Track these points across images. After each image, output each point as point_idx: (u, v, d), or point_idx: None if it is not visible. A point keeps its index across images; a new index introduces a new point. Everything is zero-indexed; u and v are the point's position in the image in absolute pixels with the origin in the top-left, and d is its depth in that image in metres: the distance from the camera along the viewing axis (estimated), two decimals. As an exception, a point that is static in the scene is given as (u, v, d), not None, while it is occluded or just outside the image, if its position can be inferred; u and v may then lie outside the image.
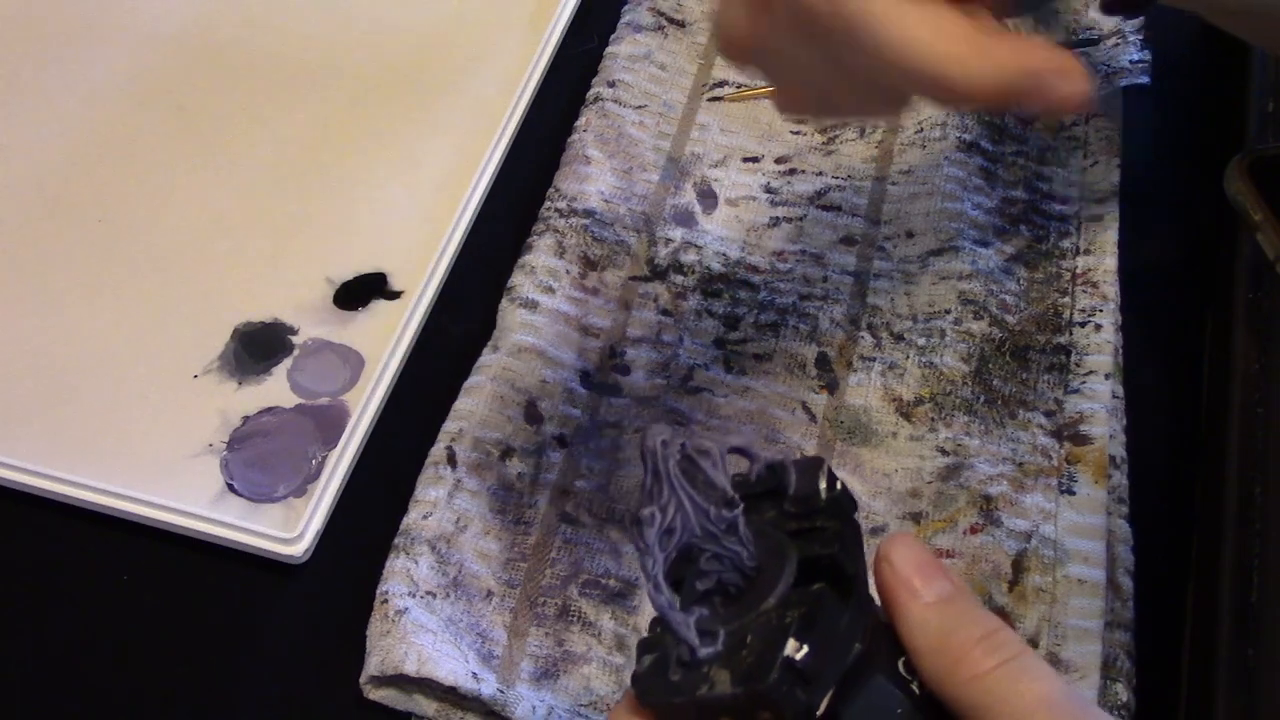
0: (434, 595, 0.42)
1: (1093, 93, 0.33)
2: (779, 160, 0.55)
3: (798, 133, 0.56)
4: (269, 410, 0.48)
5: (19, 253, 0.52)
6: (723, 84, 0.58)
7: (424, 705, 0.41)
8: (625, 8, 0.60)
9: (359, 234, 0.53)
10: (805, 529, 0.28)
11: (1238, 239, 0.50)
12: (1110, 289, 0.49)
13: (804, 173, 0.54)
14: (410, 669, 0.39)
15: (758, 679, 0.25)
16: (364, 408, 0.47)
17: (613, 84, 0.56)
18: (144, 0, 0.62)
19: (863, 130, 0.55)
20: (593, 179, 0.53)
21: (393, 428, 0.48)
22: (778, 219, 0.53)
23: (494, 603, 0.42)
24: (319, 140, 0.56)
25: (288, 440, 0.47)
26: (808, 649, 0.25)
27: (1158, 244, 0.53)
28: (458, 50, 0.60)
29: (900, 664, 0.27)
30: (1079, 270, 0.50)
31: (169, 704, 0.42)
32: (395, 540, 0.43)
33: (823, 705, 0.25)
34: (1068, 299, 0.49)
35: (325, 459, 0.46)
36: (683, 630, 0.26)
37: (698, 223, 0.53)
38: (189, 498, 0.45)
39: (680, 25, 0.60)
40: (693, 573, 0.27)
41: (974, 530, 0.44)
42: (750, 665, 0.25)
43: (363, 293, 0.51)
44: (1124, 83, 0.54)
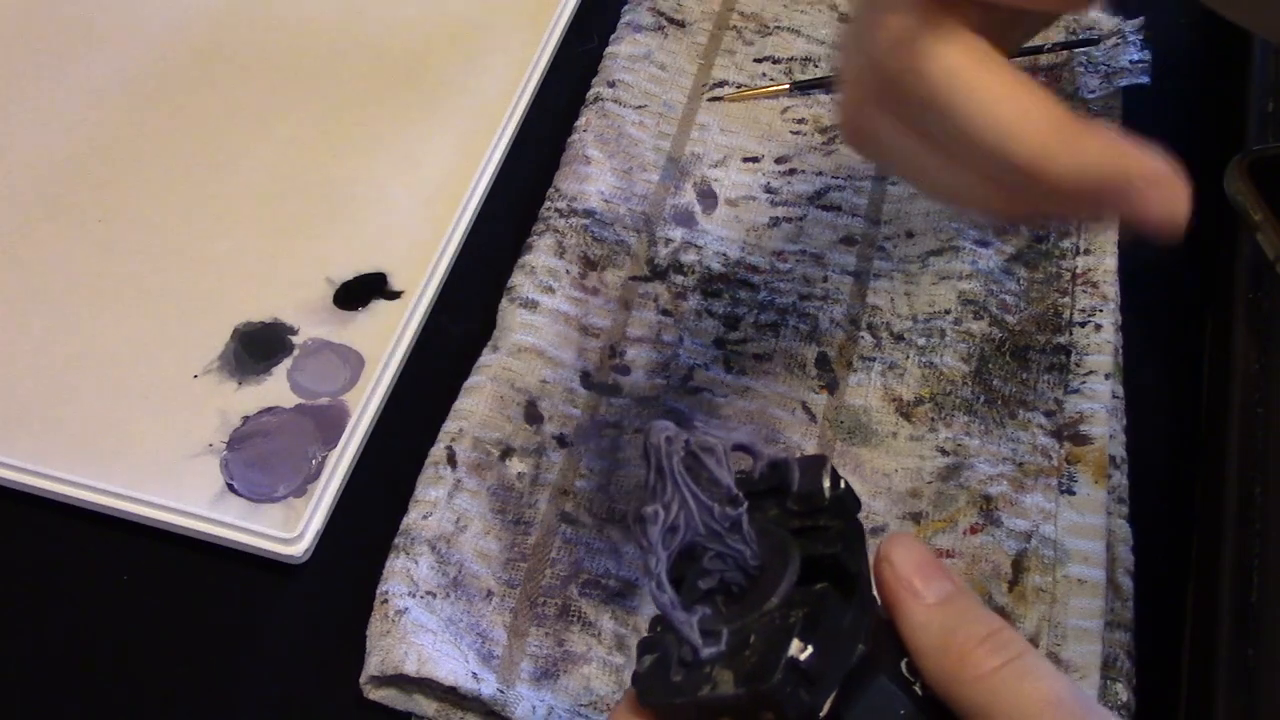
0: (434, 595, 0.41)
1: (1188, 211, 0.29)
2: (779, 160, 0.55)
3: (798, 133, 0.56)
4: (269, 410, 0.47)
5: (19, 253, 0.52)
6: (723, 84, 0.58)
7: (424, 705, 0.41)
8: (625, 8, 0.60)
9: (359, 234, 0.53)
10: (808, 527, 0.27)
11: (1238, 239, 0.50)
12: (1110, 289, 0.49)
13: (804, 173, 0.54)
14: (410, 669, 0.39)
15: (761, 679, 0.25)
16: (364, 408, 0.47)
17: (613, 84, 0.56)
18: (144, 0, 0.62)
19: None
20: (593, 179, 0.52)
21: (393, 428, 0.48)
22: (778, 219, 0.53)
23: (494, 603, 0.42)
24: (319, 140, 0.56)
25: (288, 440, 0.47)
26: (811, 649, 0.25)
27: (1158, 244, 0.53)
28: (458, 50, 0.60)
29: (903, 665, 0.27)
30: (1079, 270, 0.50)
31: (169, 704, 0.42)
32: (395, 540, 0.43)
33: (826, 706, 0.25)
34: (1068, 299, 0.49)
35: (325, 459, 0.46)
36: (686, 630, 0.26)
37: (698, 223, 0.53)
38: (189, 498, 0.45)
39: (680, 25, 0.59)
40: (695, 571, 0.27)
41: (974, 530, 0.44)
42: (754, 665, 0.25)
43: (363, 293, 0.51)
44: (1124, 83, 0.54)
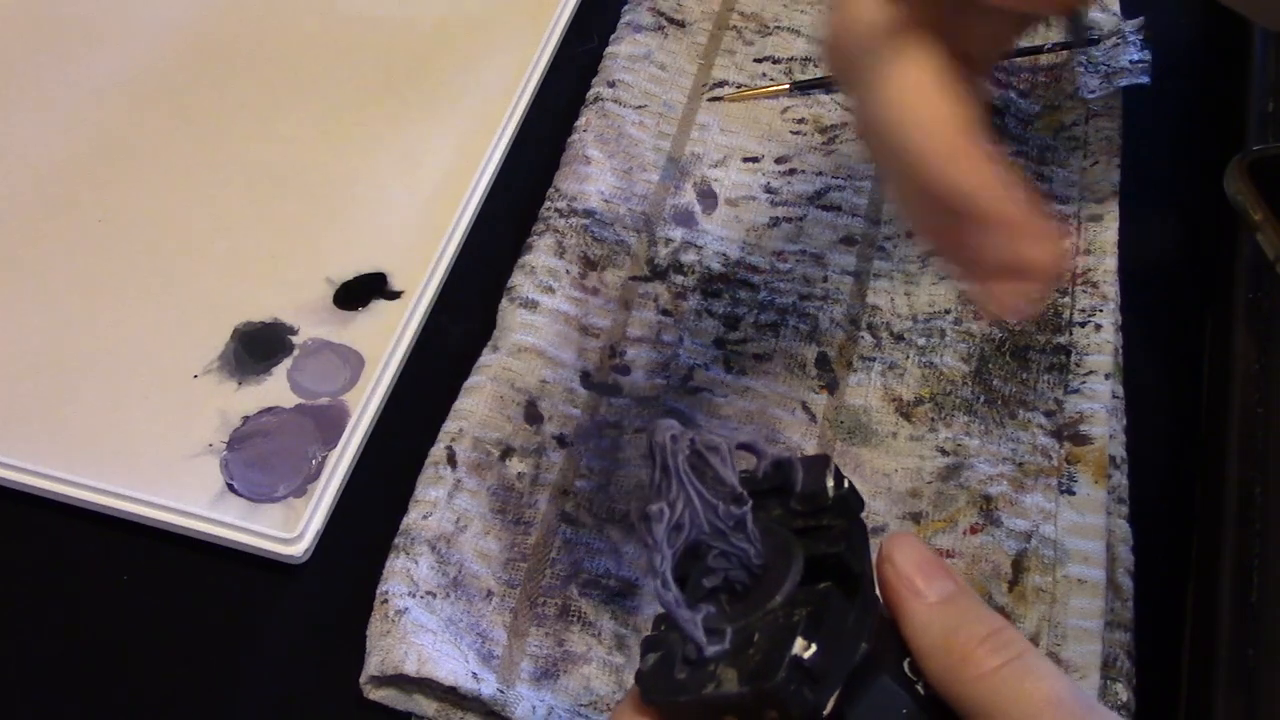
0: (434, 595, 0.41)
1: (1055, 274, 0.30)
2: (779, 160, 0.55)
3: (798, 133, 0.56)
4: (269, 410, 0.47)
5: (19, 253, 0.52)
6: (723, 84, 0.58)
7: (424, 705, 0.41)
8: (625, 8, 0.60)
9: (359, 234, 0.53)
10: (811, 527, 0.27)
11: (1238, 239, 0.50)
12: (1110, 289, 0.49)
13: (804, 173, 0.54)
14: (410, 669, 0.39)
15: (765, 677, 0.25)
16: (364, 408, 0.47)
17: (613, 84, 0.56)
18: (144, 0, 0.61)
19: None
20: (593, 179, 0.52)
21: (393, 428, 0.48)
22: (778, 219, 0.53)
23: (494, 603, 0.42)
24: (319, 140, 0.56)
25: (288, 440, 0.47)
26: (815, 648, 0.25)
27: (1158, 244, 0.53)
28: (457, 50, 0.60)
29: (905, 664, 0.27)
30: (1079, 270, 0.50)
31: (169, 704, 0.42)
32: (395, 540, 0.43)
33: (829, 705, 0.25)
34: (1068, 299, 0.49)
35: (325, 459, 0.46)
36: (690, 628, 0.26)
37: (698, 223, 0.53)
38: (189, 498, 0.45)
39: (680, 25, 0.59)
40: (699, 570, 0.27)
41: (974, 530, 0.44)
42: (757, 664, 0.25)
43: (363, 293, 0.51)
44: (1124, 83, 0.54)
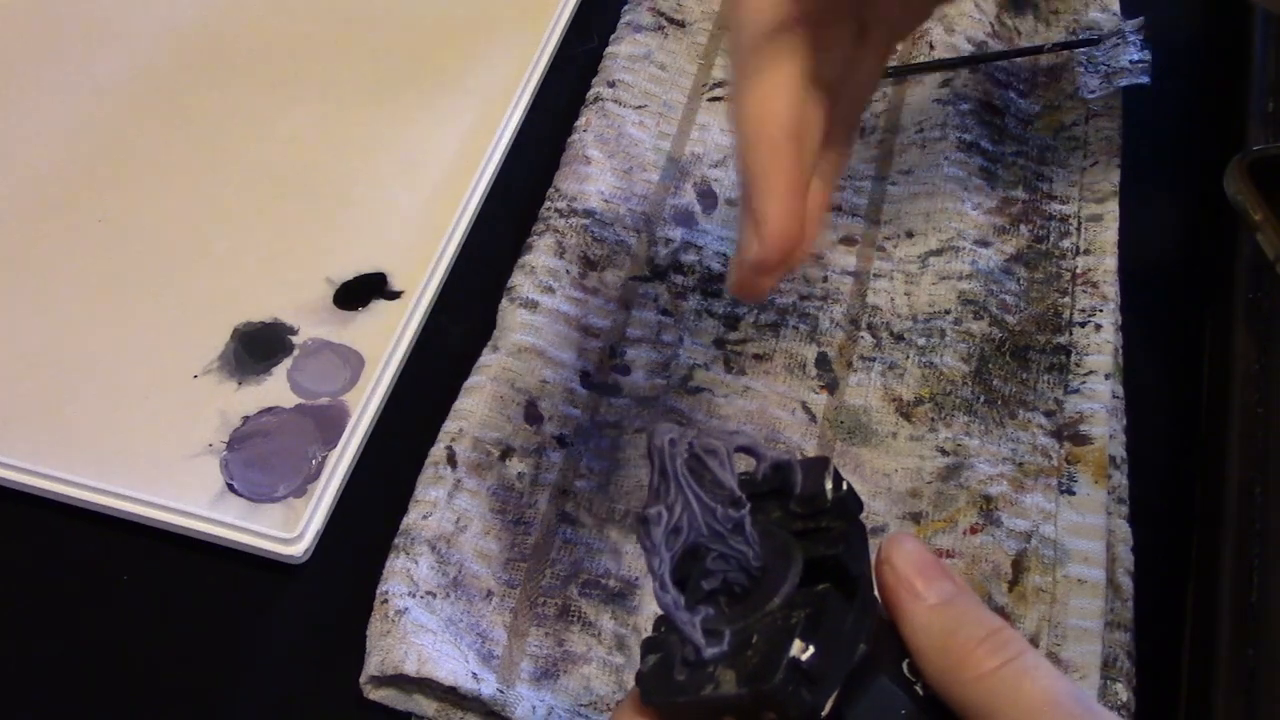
0: (434, 595, 0.41)
1: (768, 286, 0.35)
2: (779, 160, 0.55)
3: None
4: (269, 410, 0.47)
5: (19, 253, 0.52)
6: (723, 84, 0.58)
7: (424, 705, 0.41)
8: (625, 8, 0.60)
9: (359, 234, 0.53)
10: (810, 529, 0.28)
11: (1238, 239, 0.50)
12: (1110, 289, 0.49)
13: (804, 173, 0.54)
14: (410, 669, 0.39)
15: (763, 679, 0.25)
16: (364, 408, 0.47)
17: (613, 84, 0.56)
18: (144, 0, 0.61)
19: (862, 130, 0.55)
20: (593, 179, 0.52)
21: (393, 428, 0.48)
22: (778, 219, 0.53)
23: (494, 603, 0.42)
24: (319, 140, 0.56)
25: (288, 440, 0.47)
26: (813, 650, 0.25)
27: (1158, 244, 0.53)
28: (457, 50, 0.60)
29: (904, 665, 0.27)
30: (1079, 270, 0.50)
31: (169, 704, 0.42)
32: (395, 540, 0.43)
33: (828, 706, 0.25)
34: (1068, 299, 0.49)
35: (325, 459, 0.46)
36: (689, 630, 0.26)
37: (698, 223, 0.53)
38: (189, 498, 0.45)
39: (680, 25, 0.59)
40: (698, 572, 0.27)
41: (974, 530, 0.44)
42: (756, 665, 0.25)
43: (363, 293, 0.51)
44: (1124, 83, 0.54)
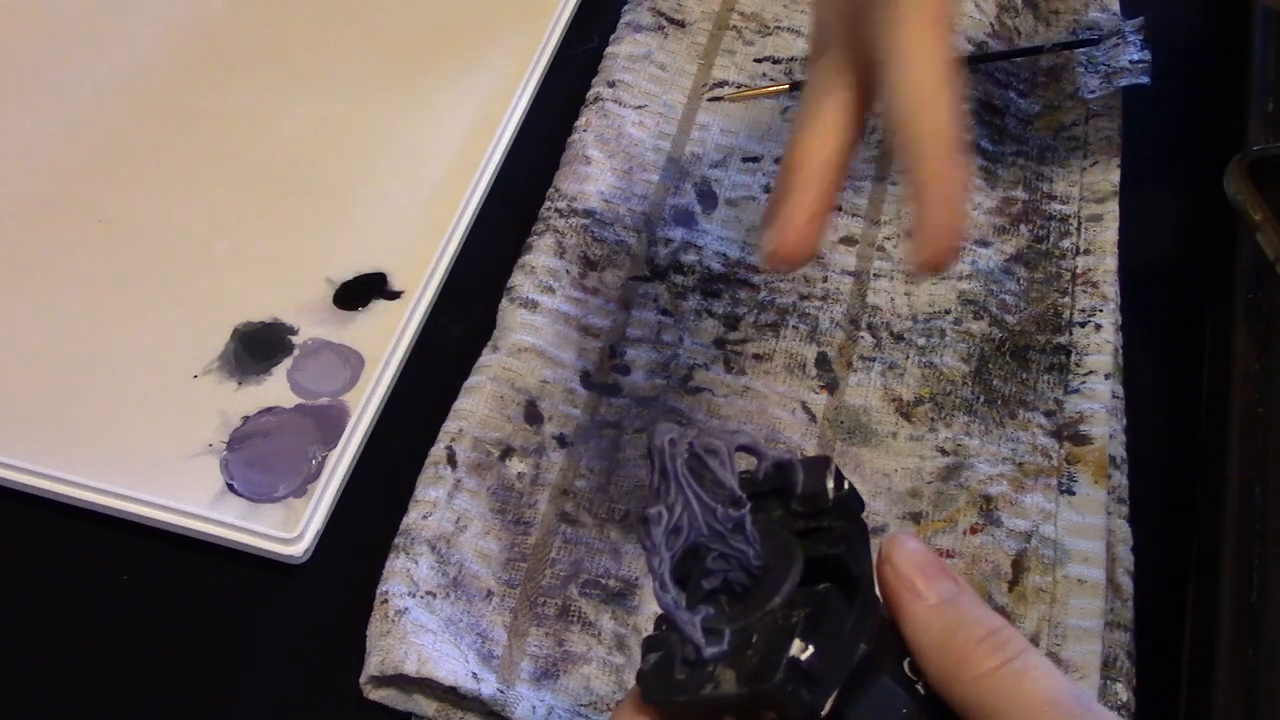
0: (434, 595, 0.41)
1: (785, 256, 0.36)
2: (779, 160, 0.55)
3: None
4: (269, 410, 0.47)
5: (19, 253, 0.52)
6: (723, 84, 0.58)
7: (424, 705, 0.41)
8: (625, 8, 0.60)
9: (359, 234, 0.53)
10: (811, 528, 0.28)
11: (1238, 239, 0.50)
12: (1110, 289, 0.49)
13: (804, 173, 0.54)
14: (410, 669, 0.39)
15: (763, 679, 0.25)
16: (364, 408, 0.47)
17: (613, 84, 0.56)
18: (144, 0, 0.61)
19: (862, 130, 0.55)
20: (593, 179, 0.52)
21: (393, 428, 0.48)
22: (778, 219, 0.53)
23: (494, 603, 0.42)
24: (319, 140, 0.56)
25: (288, 440, 0.47)
26: (813, 649, 0.25)
27: (1158, 244, 0.53)
28: (457, 50, 0.60)
29: (905, 664, 0.27)
30: (1079, 270, 0.50)
31: (169, 704, 0.42)
32: (395, 540, 0.43)
33: (827, 706, 0.25)
34: (1068, 299, 0.49)
35: (325, 459, 0.46)
36: (689, 629, 0.26)
37: (698, 223, 0.53)
38: (189, 498, 0.45)
39: (680, 25, 0.59)
40: (699, 571, 0.27)
41: (974, 530, 0.44)
42: (755, 665, 0.25)
43: (363, 293, 0.51)
44: (1124, 83, 0.54)
